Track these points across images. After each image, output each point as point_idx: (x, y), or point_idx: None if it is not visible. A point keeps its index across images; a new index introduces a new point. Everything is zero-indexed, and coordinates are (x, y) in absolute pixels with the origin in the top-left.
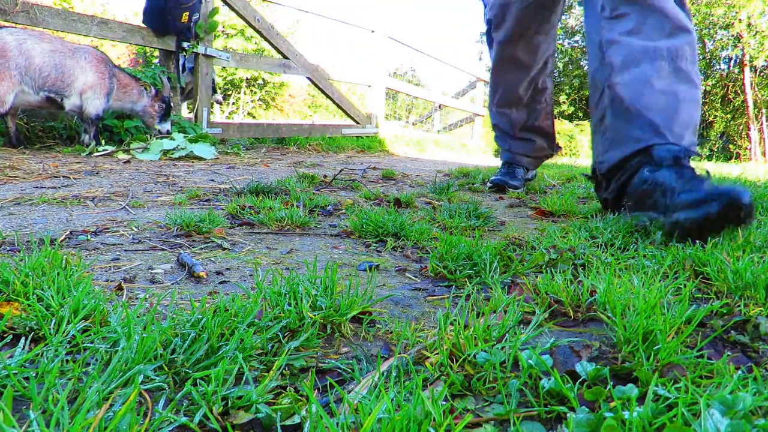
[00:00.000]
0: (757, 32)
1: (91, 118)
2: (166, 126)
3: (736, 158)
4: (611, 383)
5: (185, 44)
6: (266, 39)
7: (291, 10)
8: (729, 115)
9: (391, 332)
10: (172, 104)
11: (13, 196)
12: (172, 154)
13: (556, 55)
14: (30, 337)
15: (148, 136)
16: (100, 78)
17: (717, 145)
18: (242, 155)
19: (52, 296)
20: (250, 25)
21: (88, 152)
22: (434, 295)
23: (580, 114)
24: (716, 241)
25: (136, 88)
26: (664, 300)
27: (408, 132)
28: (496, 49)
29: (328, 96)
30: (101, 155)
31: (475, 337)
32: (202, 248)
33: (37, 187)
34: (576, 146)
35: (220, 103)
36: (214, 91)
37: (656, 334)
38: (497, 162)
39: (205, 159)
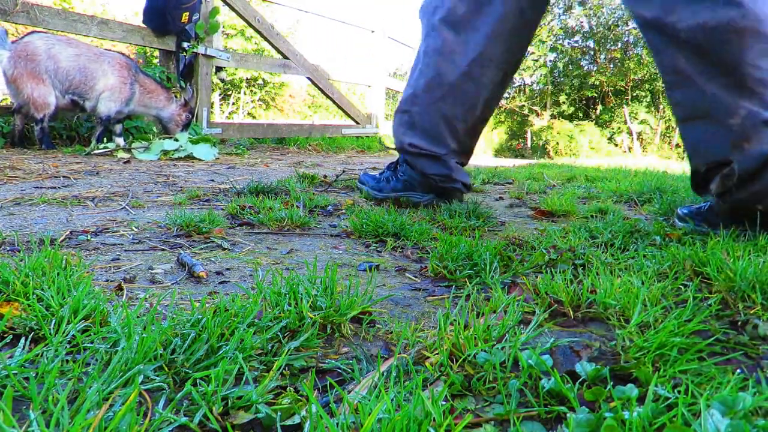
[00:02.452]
0: None
1: (101, 117)
2: (186, 135)
3: None
4: (611, 383)
5: (185, 44)
6: (266, 39)
7: (291, 10)
8: None
9: (391, 332)
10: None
11: (13, 196)
12: (172, 154)
13: (555, 57)
14: (30, 337)
15: (150, 135)
16: (121, 83)
17: None
18: (243, 155)
19: (52, 296)
20: (250, 25)
21: (88, 151)
22: (434, 295)
23: (580, 114)
24: (717, 239)
25: (163, 95)
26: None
27: None
28: None
29: (328, 96)
30: (101, 153)
31: (475, 337)
32: (202, 248)
33: (37, 187)
34: (576, 146)
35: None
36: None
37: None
38: (497, 162)
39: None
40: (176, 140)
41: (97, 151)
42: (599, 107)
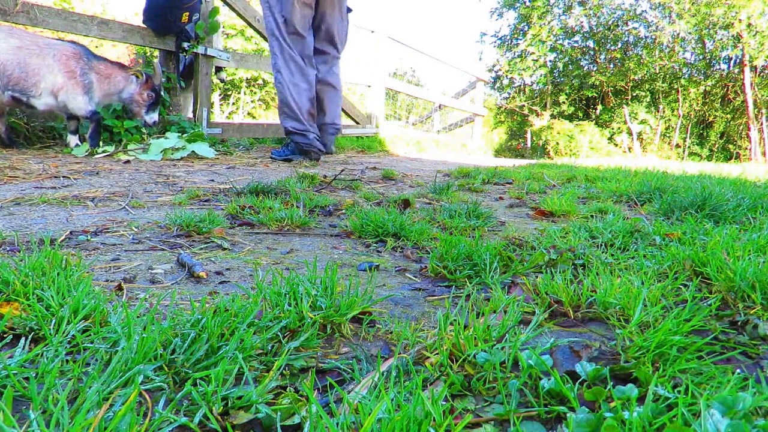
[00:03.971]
0: (757, 32)
1: (85, 116)
2: (153, 116)
3: (736, 158)
4: (611, 383)
5: (185, 44)
6: (266, 39)
7: None
8: (729, 115)
9: (391, 332)
10: (162, 94)
11: (13, 196)
12: (172, 153)
13: (555, 57)
14: (30, 337)
15: (145, 135)
16: (70, 76)
17: (717, 145)
18: (233, 153)
19: (52, 296)
20: (250, 26)
21: (87, 153)
22: (434, 295)
23: (580, 114)
24: (717, 240)
25: (120, 76)
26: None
27: (408, 132)
28: None
29: None
30: (101, 157)
31: (475, 337)
32: (202, 248)
33: (37, 187)
34: (576, 146)
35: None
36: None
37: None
38: (497, 162)
39: (205, 158)
40: (167, 138)
41: (96, 155)
42: (599, 107)
